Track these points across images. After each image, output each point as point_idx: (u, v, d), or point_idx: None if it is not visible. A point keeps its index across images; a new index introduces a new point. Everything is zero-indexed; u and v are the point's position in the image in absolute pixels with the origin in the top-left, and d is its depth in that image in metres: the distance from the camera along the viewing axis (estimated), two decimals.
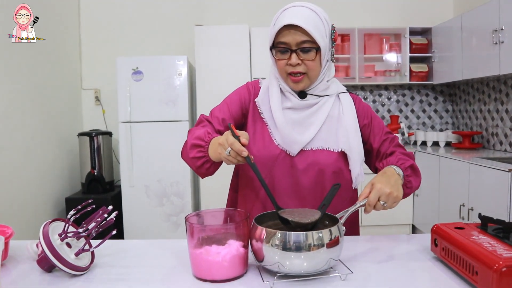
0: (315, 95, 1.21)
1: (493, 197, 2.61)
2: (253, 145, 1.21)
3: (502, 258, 0.78)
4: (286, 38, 1.12)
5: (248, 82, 1.32)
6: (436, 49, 3.92)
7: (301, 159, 1.19)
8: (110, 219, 0.98)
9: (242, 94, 1.28)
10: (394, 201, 1.05)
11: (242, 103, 1.26)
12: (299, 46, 1.12)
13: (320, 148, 1.20)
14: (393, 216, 3.77)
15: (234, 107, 1.25)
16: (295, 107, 1.20)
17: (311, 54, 1.13)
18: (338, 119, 1.22)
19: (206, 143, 1.10)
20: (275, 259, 0.87)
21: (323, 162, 1.18)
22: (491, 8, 3.02)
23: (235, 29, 3.68)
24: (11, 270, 0.98)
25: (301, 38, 1.11)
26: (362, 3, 4.24)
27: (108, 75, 4.02)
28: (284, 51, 1.14)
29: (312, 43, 1.11)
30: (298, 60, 1.13)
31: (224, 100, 1.29)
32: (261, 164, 1.18)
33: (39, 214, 3.25)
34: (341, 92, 1.26)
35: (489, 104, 3.65)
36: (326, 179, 1.19)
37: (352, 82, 4.02)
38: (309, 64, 1.14)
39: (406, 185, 1.14)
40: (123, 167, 3.54)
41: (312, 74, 1.16)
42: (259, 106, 1.24)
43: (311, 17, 1.11)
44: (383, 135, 1.27)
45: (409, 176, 1.15)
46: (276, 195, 1.19)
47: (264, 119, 1.23)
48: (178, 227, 3.55)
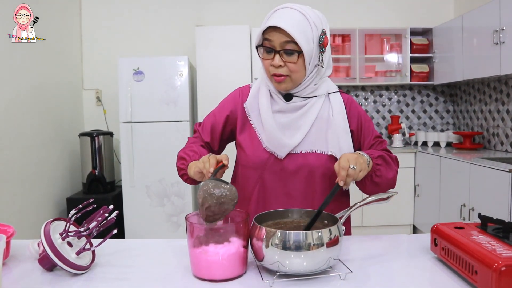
0: (301, 97, 1.20)
1: (494, 197, 2.61)
2: (243, 150, 1.24)
3: (501, 258, 0.78)
4: (271, 38, 1.12)
5: (238, 88, 1.33)
6: (437, 50, 3.92)
7: (291, 162, 1.20)
8: (111, 218, 0.99)
9: (229, 103, 1.31)
10: (361, 168, 1.05)
11: (229, 112, 1.29)
12: (282, 47, 1.12)
13: (310, 151, 1.20)
14: (394, 216, 3.77)
15: (220, 118, 1.29)
16: (283, 110, 1.21)
17: (294, 57, 1.12)
18: (328, 120, 1.21)
19: (188, 161, 1.18)
20: (275, 258, 0.87)
21: (313, 164, 1.19)
22: (491, 9, 3.02)
23: (236, 30, 3.69)
24: (12, 269, 0.98)
25: (284, 39, 1.10)
26: (363, 4, 4.25)
27: (109, 75, 4.03)
28: (269, 51, 1.14)
29: (296, 46, 1.11)
30: (281, 62, 1.13)
31: (214, 110, 1.34)
32: (251, 168, 1.22)
33: (40, 214, 3.26)
34: (331, 92, 1.25)
35: (490, 104, 3.65)
36: (317, 181, 1.20)
37: (353, 82, 4.03)
38: (291, 66, 1.13)
39: (375, 173, 1.14)
40: (124, 167, 3.55)
41: (295, 76, 1.15)
42: (247, 111, 1.26)
43: (298, 20, 1.10)
44: (372, 139, 1.26)
45: (379, 165, 1.15)
46: (267, 198, 1.22)
47: (253, 124, 1.24)
48: (179, 227, 3.56)
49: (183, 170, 1.21)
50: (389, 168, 1.18)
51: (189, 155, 1.19)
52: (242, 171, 1.28)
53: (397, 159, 1.24)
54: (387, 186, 1.18)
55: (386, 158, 1.19)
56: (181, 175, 1.24)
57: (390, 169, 1.19)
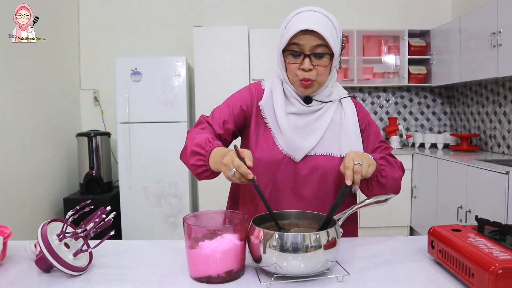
0: (319, 101, 1.21)
1: (491, 199, 2.62)
2: (256, 148, 1.22)
3: (498, 260, 0.78)
4: (301, 42, 1.11)
5: (250, 84, 1.31)
6: (435, 51, 3.94)
7: (304, 164, 1.20)
8: (108, 219, 0.98)
9: (244, 97, 1.26)
10: (369, 164, 1.04)
11: (244, 106, 1.24)
12: (312, 51, 1.11)
13: (323, 154, 1.20)
14: (391, 218, 3.78)
15: (235, 110, 1.23)
16: (299, 112, 1.20)
17: (325, 60, 1.12)
18: (340, 124, 1.22)
19: (207, 152, 1.09)
20: (273, 260, 0.87)
21: (325, 167, 1.19)
22: (489, 11, 3.03)
23: (234, 30, 3.69)
24: (9, 270, 0.98)
25: (316, 43, 1.10)
26: (361, 5, 4.25)
27: (107, 75, 4.02)
28: (297, 55, 1.13)
29: (326, 49, 1.11)
30: (310, 66, 1.12)
31: (226, 101, 1.27)
32: (264, 168, 1.20)
33: (37, 214, 3.25)
34: (343, 97, 1.26)
35: (487, 106, 3.66)
36: (329, 183, 1.20)
37: (351, 84, 4.03)
38: (320, 70, 1.13)
39: (381, 173, 1.14)
40: (122, 168, 3.54)
41: (321, 79, 1.16)
42: (262, 110, 1.24)
43: (326, 23, 1.11)
44: (377, 142, 1.27)
45: (383, 165, 1.15)
46: (279, 199, 1.20)
47: (268, 124, 1.23)
48: (176, 228, 3.55)
49: (202, 167, 1.11)
50: (393, 168, 1.19)
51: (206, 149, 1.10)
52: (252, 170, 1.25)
53: (402, 165, 1.24)
54: (393, 187, 1.18)
55: (389, 159, 1.20)
56: (201, 172, 1.12)
57: (394, 169, 1.19)
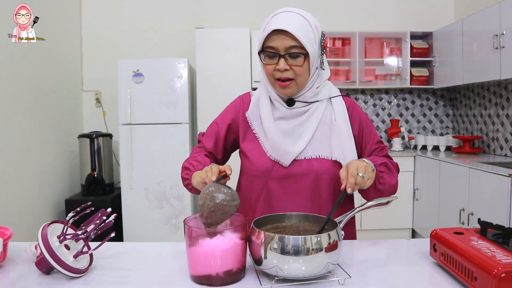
0: (303, 102, 1.20)
1: (493, 202, 2.61)
2: (248, 159, 1.24)
3: (501, 264, 0.77)
4: (274, 43, 1.12)
5: (238, 97, 1.33)
6: (437, 54, 3.93)
7: (295, 169, 1.19)
8: (109, 221, 0.98)
9: (228, 115, 1.30)
10: (369, 177, 1.05)
11: (231, 122, 1.29)
12: (287, 51, 1.11)
13: (314, 157, 1.19)
14: (393, 220, 3.77)
15: (222, 128, 1.29)
16: (285, 116, 1.20)
17: (299, 60, 1.12)
18: (331, 125, 1.21)
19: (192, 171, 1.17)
20: (274, 262, 0.87)
21: (317, 169, 1.18)
22: (492, 13, 3.03)
23: (235, 32, 3.69)
24: (9, 272, 0.98)
25: (289, 43, 1.10)
26: (363, 7, 4.25)
27: (109, 77, 4.03)
28: (272, 56, 1.14)
29: (301, 49, 1.11)
30: (286, 66, 1.12)
31: (216, 119, 1.33)
32: (256, 177, 1.21)
33: (38, 216, 3.25)
34: (333, 96, 1.24)
35: (490, 108, 3.65)
36: (322, 185, 1.19)
37: (353, 85, 4.03)
38: (297, 70, 1.13)
39: (379, 180, 1.14)
40: (123, 169, 3.54)
41: (300, 80, 1.15)
42: (249, 120, 1.26)
43: (301, 23, 1.11)
44: (374, 144, 1.26)
45: (382, 172, 1.15)
46: (273, 206, 1.20)
47: (256, 133, 1.24)
48: (177, 229, 3.55)
49: (187, 180, 1.20)
50: (391, 175, 1.18)
51: (193, 165, 1.19)
52: (247, 179, 1.27)
53: (398, 166, 1.24)
54: (390, 193, 1.18)
55: (389, 165, 1.19)
56: (186, 185, 1.23)
57: (392, 176, 1.18)
